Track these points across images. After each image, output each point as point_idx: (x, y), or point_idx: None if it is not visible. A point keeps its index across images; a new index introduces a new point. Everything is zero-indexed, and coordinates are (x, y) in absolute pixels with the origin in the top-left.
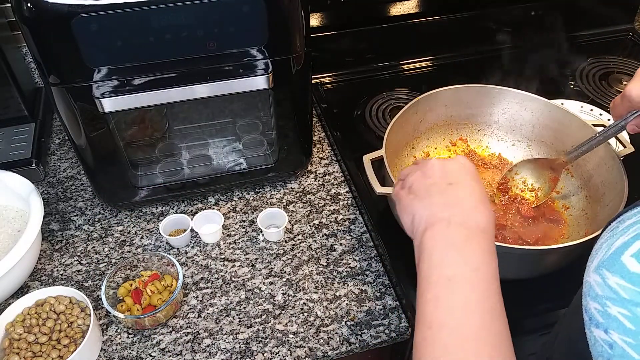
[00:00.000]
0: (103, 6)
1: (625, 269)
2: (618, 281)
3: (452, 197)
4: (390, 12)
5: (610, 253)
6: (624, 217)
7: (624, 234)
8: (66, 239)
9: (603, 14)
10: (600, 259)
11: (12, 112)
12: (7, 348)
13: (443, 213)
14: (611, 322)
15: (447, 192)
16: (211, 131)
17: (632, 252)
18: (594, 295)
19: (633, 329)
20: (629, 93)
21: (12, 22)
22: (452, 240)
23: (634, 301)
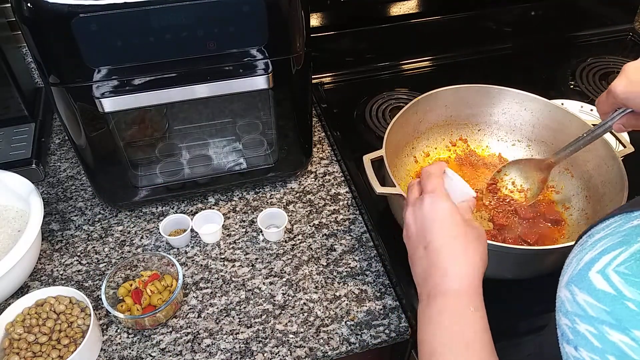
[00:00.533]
0: (103, 6)
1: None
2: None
3: (428, 263)
4: (390, 12)
5: (579, 269)
6: (594, 230)
7: (592, 249)
8: (66, 239)
9: (603, 14)
10: (570, 275)
11: (12, 112)
12: (7, 348)
13: (424, 288)
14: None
15: (423, 258)
16: (211, 131)
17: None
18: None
19: (600, 347)
20: (614, 89)
21: (12, 22)
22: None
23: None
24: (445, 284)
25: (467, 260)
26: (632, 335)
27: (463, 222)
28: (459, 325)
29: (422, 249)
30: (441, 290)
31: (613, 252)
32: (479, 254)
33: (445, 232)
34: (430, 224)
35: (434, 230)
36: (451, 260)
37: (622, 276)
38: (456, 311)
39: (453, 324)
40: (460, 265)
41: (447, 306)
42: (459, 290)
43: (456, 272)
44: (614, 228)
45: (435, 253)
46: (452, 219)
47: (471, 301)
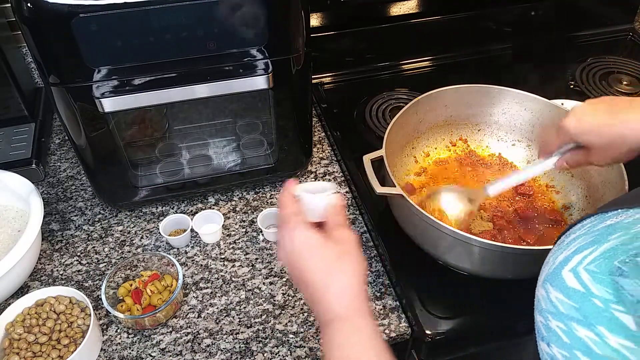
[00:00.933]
0: (103, 6)
1: (564, 284)
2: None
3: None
4: (390, 12)
5: (554, 267)
6: (571, 231)
7: (567, 248)
8: (66, 239)
9: (603, 14)
10: (545, 273)
11: (12, 112)
12: (7, 348)
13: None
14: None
15: (301, 285)
16: (211, 131)
17: (570, 267)
18: (540, 309)
19: (568, 342)
20: (566, 127)
21: (12, 22)
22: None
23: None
24: (327, 314)
25: (339, 283)
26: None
27: (323, 242)
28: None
29: (299, 284)
30: (326, 321)
31: (585, 251)
32: (350, 268)
33: (309, 264)
34: (296, 258)
35: (301, 263)
36: (324, 290)
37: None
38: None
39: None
40: (333, 292)
41: (334, 335)
42: (341, 316)
43: (333, 300)
44: (588, 228)
45: (310, 286)
46: (311, 247)
47: (354, 323)
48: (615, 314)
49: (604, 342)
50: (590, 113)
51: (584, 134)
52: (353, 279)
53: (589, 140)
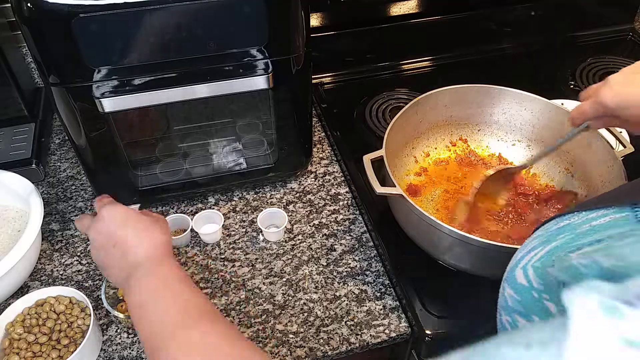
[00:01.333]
0: (103, 6)
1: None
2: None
3: (120, 255)
4: (390, 12)
5: (511, 267)
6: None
7: (524, 248)
8: (66, 239)
9: (603, 14)
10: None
11: (12, 112)
12: (7, 348)
13: (123, 273)
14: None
15: (116, 254)
16: (211, 131)
17: (522, 264)
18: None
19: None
20: (604, 101)
21: (12, 22)
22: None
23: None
24: (137, 257)
25: (148, 239)
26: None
27: (137, 215)
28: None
29: (111, 247)
30: (135, 264)
31: (536, 250)
32: (157, 231)
33: (127, 225)
34: (114, 226)
35: (118, 228)
36: (137, 242)
37: (534, 270)
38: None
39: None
40: (144, 243)
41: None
42: (148, 256)
43: (143, 247)
44: (546, 229)
45: (123, 242)
46: (127, 215)
47: (159, 257)
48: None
49: None
50: (628, 83)
51: (623, 107)
52: (161, 236)
53: (628, 114)
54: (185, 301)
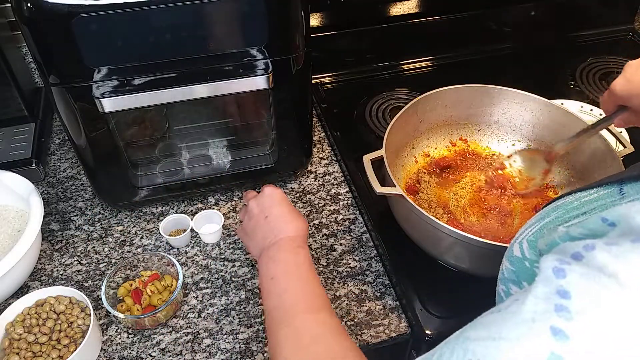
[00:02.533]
0: (103, 6)
1: (511, 253)
2: (506, 264)
3: (267, 228)
4: (390, 12)
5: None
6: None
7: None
8: (66, 239)
9: (603, 14)
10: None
11: (12, 112)
12: (7, 348)
13: (264, 244)
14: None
15: (264, 225)
16: (211, 131)
17: (519, 240)
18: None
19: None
20: (613, 88)
21: (12, 22)
22: (271, 256)
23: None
24: (282, 234)
25: (295, 223)
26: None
27: (290, 201)
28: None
29: (263, 219)
30: (277, 238)
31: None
32: (302, 221)
33: (281, 207)
34: (270, 202)
35: (274, 206)
36: (286, 221)
37: (529, 243)
38: (289, 247)
39: (283, 255)
40: (292, 225)
41: (282, 245)
42: (291, 236)
43: (289, 228)
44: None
45: (274, 218)
46: (285, 198)
47: (299, 243)
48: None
49: None
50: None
51: (630, 97)
52: (304, 227)
53: (636, 104)
54: (313, 289)
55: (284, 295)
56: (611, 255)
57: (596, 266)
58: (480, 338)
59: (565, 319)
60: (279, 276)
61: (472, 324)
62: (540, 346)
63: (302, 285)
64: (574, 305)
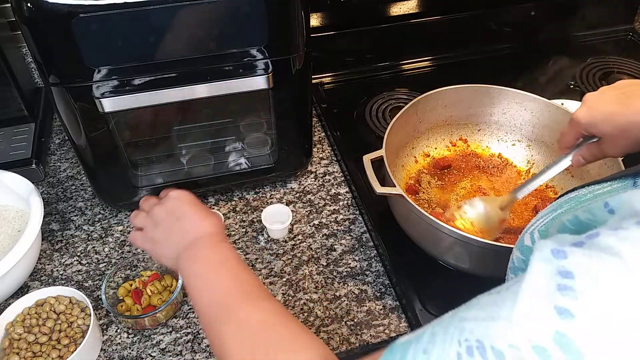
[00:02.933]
0: (103, 6)
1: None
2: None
3: (182, 229)
4: (390, 12)
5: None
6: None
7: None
8: (66, 239)
9: (603, 14)
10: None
11: (12, 112)
12: (7, 348)
13: (181, 244)
14: None
15: (177, 227)
16: (211, 131)
17: (530, 230)
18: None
19: None
20: (576, 118)
21: (12, 22)
22: (191, 256)
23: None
24: (199, 232)
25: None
26: None
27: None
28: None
29: (174, 220)
30: (195, 237)
31: (544, 217)
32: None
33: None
34: (179, 203)
35: (185, 205)
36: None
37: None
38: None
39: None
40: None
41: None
42: (209, 232)
43: (206, 224)
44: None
45: (188, 218)
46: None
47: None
48: None
49: None
50: (600, 102)
51: (595, 124)
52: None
53: (600, 131)
54: (245, 279)
55: (218, 290)
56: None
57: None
58: (479, 318)
59: (570, 298)
60: (208, 272)
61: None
62: (544, 325)
63: (234, 277)
64: (578, 284)
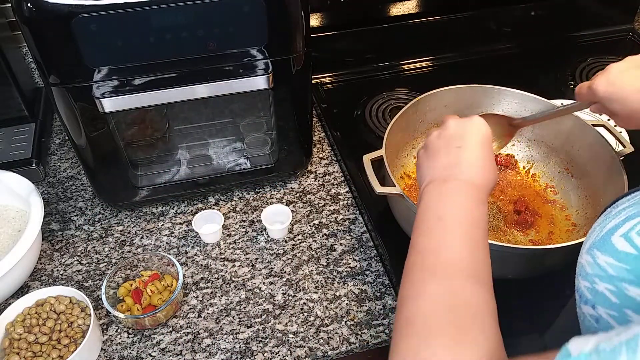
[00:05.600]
0: (103, 6)
1: (614, 248)
2: (607, 259)
3: (455, 159)
4: (390, 12)
5: (602, 235)
6: (619, 202)
7: (616, 217)
8: (66, 239)
9: (603, 14)
10: (592, 241)
11: (12, 112)
12: (7, 348)
13: (443, 173)
14: (598, 297)
15: (452, 154)
16: (211, 131)
17: (621, 232)
18: (584, 275)
19: (617, 302)
20: (596, 88)
21: (12, 22)
22: (446, 191)
23: (619, 277)
24: (467, 175)
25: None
26: None
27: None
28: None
29: (455, 147)
30: (460, 178)
31: (637, 219)
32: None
33: (481, 148)
34: (473, 136)
35: (474, 141)
36: (479, 166)
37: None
38: (472, 194)
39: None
40: (483, 171)
41: (464, 188)
42: (477, 184)
43: (480, 173)
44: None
45: (468, 154)
46: (489, 144)
47: (482, 196)
48: None
49: None
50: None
51: (610, 100)
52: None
53: (613, 108)
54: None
55: (450, 248)
56: None
57: None
58: None
59: None
60: (451, 221)
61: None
62: None
63: (473, 247)
64: None
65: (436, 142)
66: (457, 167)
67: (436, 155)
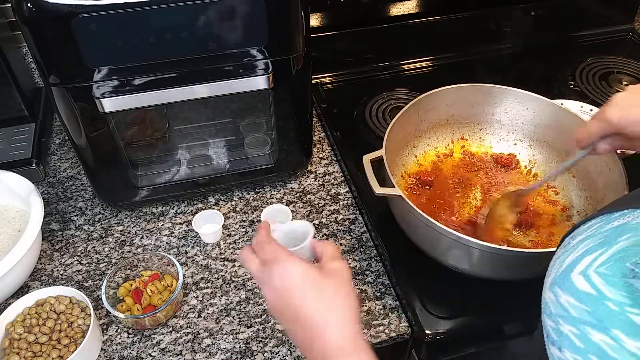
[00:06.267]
0: (103, 6)
1: (574, 287)
2: (568, 299)
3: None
4: (390, 12)
5: (562, 270)
6: (576, 232)
7: (574, 251)
8: (66, 239)
9: (603, 14)
10: (553, 276)
11: (12, 112)
12: (7, 348)
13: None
14: (564, 340)
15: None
16: (211, 131)
17: (580, 269)
18: (549, 313)
19: (582, 347)
20: (610, 118)
21: (12, 22)
22: None
23: (582, 319)
24: (329, 350)
25: (339, 318)
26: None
27: (319, 276)
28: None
29: (292, 322)
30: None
31: (594, 254)
32: (347, 302)
33: (307, 297)
34: (288, 295)
35: (295, 300)
36: (323, 325)
37: (602, 277)
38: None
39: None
40: (334, 322)
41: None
42: (346, 350)
43: (334, 330)
44: (595, 229)
45: (307, 322)
46: (307, 281)
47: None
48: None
49: (620, 345)
50: (633, 103)
51: (630, 125)
52: (351, 312)
53: (632, 131)
54: None
55: None
56: None
57: None
58: None
59: None
60: None
61: None
62: None
63: None
64: None
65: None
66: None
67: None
